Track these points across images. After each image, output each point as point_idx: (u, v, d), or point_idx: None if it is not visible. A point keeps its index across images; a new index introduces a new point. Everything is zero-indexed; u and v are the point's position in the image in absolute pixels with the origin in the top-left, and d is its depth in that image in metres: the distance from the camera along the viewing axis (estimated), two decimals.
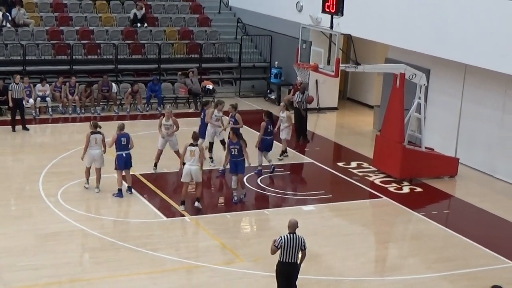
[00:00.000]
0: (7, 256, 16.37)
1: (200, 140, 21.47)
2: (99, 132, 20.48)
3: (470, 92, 24.49)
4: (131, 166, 20.54)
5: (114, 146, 20.38)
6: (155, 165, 22.46)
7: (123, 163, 20.27)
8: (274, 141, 23.05)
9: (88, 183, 20.64)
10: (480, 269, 16.97)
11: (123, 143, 20.31)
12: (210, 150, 23.25)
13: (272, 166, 22.94)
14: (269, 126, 22.57)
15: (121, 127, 20.50)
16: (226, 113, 23.48)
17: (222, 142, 23.17)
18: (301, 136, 26.54)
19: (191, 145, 19.48)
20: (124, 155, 20.25)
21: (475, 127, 24.36)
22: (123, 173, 20.37)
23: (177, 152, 22.17)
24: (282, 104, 25.46)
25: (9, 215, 19.01)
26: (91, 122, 20.82)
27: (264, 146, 22.58)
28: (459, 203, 21.75)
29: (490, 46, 22.24)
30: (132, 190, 20.62)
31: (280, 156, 24.35)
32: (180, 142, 21.84)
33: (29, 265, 15.99)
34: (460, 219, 20.51)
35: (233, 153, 20.11)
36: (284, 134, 24.27)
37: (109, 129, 24.88)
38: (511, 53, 21.58)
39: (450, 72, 24.88)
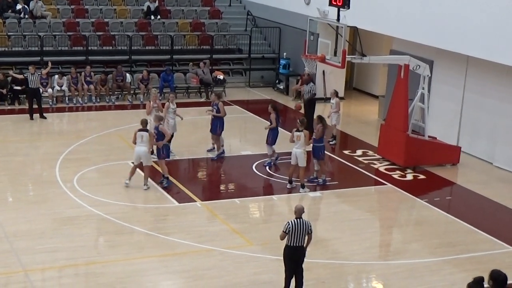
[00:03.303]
0: (26, 240, 16.67)
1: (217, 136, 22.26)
2: (146, 130, 20.20)
3: (472, 83, 24.57)
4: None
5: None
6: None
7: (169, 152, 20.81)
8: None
9: (129, 180, 20.22)
10: (481, 254, 17.15)
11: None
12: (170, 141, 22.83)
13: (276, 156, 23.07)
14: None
15: (160, 118, 20.62)
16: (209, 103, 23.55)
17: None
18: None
19: (297, 130, 20.33)
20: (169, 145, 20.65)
21: (477, 116, 24.43)
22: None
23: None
24: (332, 91, 25.79)
25: (27, 200, 19.30)
26: (141, 119, 20.64)
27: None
28: (460, 190, 21.91)
29: (491, 38, 22.35)
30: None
31: (331, 140, 25.09)
32: (187, 129, 22.27)
33: (46, 248, 16.29)
34: (461, 206, 20.69)
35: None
36: (334, 120, 24.79)
37: (123, 117, 25.64)
38: (510, 45, 21.76)
39: (452, 63, 24.97)
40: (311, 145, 21.11)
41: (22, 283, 14.79)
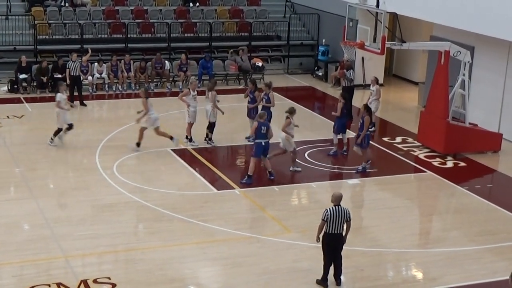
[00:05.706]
0: (66, 226, 16.89)
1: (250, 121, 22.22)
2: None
3: None
4: (267, 153, 20.44)
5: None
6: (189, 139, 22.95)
7: (262, 151, 20.16)
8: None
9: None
10: None
11: (262, 131, 19.97)
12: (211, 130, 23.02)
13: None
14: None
15: (262, 115, 20.33)
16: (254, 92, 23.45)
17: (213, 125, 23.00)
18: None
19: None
20: (263, 143, 20.03)
21: None
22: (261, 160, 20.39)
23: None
24: (372, 78, 25.61)
25: (68, 187, 19.50)
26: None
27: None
28: (502, 177, 21.76)
29: None
30: (273, 174, 20.50)
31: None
32: (226, 117, 22.28)
33: (86, 235, 16.49)
34: (502, 193, 20.54)
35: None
36: (373, 107, 24.46)
37: (163, 105, 25.62)
38: None
39: (494, 50, 24.72)
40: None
41: (62, 269, 14.97)
